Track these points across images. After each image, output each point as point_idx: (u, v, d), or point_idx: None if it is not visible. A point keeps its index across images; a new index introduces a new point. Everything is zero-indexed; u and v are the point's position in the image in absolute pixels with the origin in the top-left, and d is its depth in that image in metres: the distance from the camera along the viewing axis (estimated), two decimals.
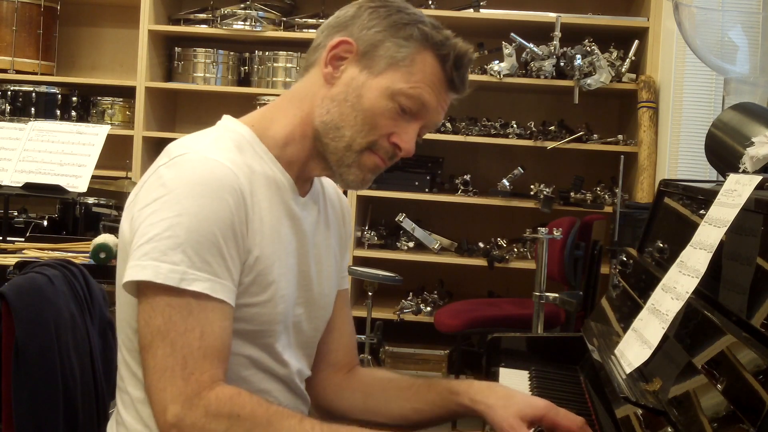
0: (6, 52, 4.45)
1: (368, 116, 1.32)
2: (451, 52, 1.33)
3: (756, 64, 2.65)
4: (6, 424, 1.44)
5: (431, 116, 1.36)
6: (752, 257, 1.26)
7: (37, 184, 2.92)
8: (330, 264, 1.48)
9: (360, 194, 4.32)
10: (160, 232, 1.20)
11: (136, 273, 1.20)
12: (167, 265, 1.19)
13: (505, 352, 1.91)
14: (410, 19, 1.34)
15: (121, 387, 1.35)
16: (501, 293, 4.58)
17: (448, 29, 1.37)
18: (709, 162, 1.92)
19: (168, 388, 1.18)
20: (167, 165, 1.26)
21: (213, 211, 1.22)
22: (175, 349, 1.19)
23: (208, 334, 1.20)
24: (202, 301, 1.20)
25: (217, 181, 1.23)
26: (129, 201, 1.32)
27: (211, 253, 1.21)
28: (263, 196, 1.31)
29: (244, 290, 1.28)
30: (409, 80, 1.31)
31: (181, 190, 1.21)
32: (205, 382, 1.19)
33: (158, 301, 1.20)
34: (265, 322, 1.32)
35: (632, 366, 1.33)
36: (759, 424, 0.96)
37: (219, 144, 1.31)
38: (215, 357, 1.21)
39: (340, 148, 1.34)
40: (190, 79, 4.54)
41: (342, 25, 1.36)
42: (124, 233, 1.29)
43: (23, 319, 1.45)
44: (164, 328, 1.19)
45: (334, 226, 1.51)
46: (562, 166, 4.56)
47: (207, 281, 1.21)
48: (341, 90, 1.33)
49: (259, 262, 1.29)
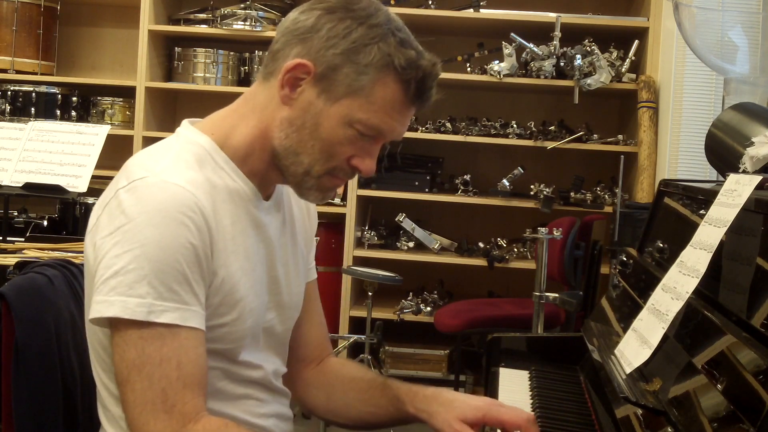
0: (6, 52, 4.45)
1: (326, 145, 1.29)
2: (413, 78, 1.26)
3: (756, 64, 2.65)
4: (6, 424, 1.44)
5: (392, 136, 1.32)
6: (752, 257, 1.26)
7: (37, 184, 2.92)
8: (297, 263, 1.47)
9: (360, 194, 4.32)
10: (125, 265, 1.18)
11: (104, 309, 1.19)
12: (134, 299, 1.17)
13: (505, 352, 1.91)
14: (372, 35, 1.25)
15: (102, 403, 1.35)
16: (501, 293, 4.58)
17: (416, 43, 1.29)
18: (709, 162, 1.92)
19: (151, 422, 1.17)
20: (127, 189, 1.23)
21: (175, 238, 1.20)
22: (152, 381, 1.17)
23: (185, 363, 1.19)
24: (173, 331, 1.19)
25: (177, 207, 1.21)
26: (91, 224, 1.29)
27: (177, 281, 1.20)
28: (226, 212, 1.29)
29: (212, 312, 1.27)
30: (368, 110, 1.26)
31: (141, 219, 1.19)
32: (189, 413, 1.18)
33: (130, 334, 1.19)
34: (235, 339, 1.32)
35: (632, 366, 1.33)
36: (759, 424, 0.96)
37: (179, 162, 1.27)
38: (195, 385, 1.20)
39: (299, 173, 1.32)
40: (190, 79, 4.54)
41: (301, 35, 1.28)
42: (89, 259, 1.27)
43: (23, 319, 1.45)
44: (139, 362, 1.18)
45: (300, 222, 1.50)
46: (562, 166, 4.56)
47: (176, 311, 1.19)
48: (298, 115, 1.29)
49: (225, 282, 1.27)
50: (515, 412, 1.37)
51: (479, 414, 1.37)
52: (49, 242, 2.82)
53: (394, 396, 1.47)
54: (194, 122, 1.37)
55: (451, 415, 1.38)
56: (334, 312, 4.29)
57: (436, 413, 1.39)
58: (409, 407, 1.44)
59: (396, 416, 1.48)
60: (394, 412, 1.47)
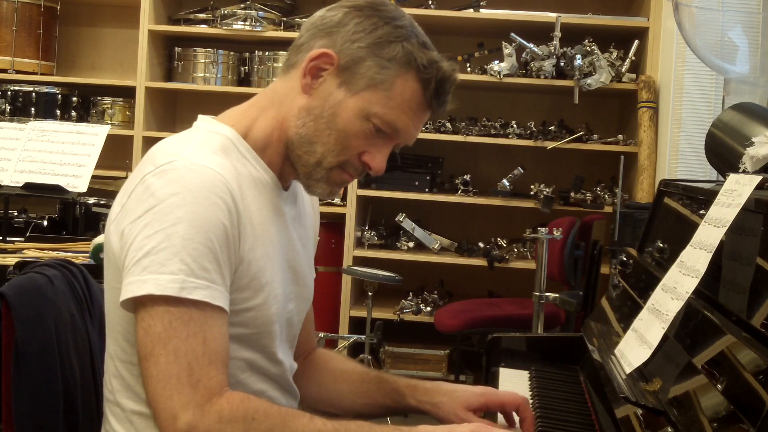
0: (6, 52, 4.45)
1: (341, 136, 1.30)
2: (434, 77, 1.30)
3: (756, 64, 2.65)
4: (6, 424, 1.44)
5: (405, 137, 1.34)
6: (752, 257, 1.26)
7: (37, 184, 2.93)
8: (309, 256, 1.49)
9: (360, 194, 4.32)
10: (156, 244, 1.18)
11: (137, 288, 1.19)
12: (167, 276, 1.18)
13: (505, 352, 1.91)
14: (397, 35, 1.29)
15: (111, 399, 1.34)
16: (501, 293, 4.59)
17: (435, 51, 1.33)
18: (709, 162, 1.92)
19: (175, 396, 1.16)
20: (154, 174, 1.23)
21: (207, 217, 1.20)
22: (178, 355, 1.17)
23: (211, 340, 1.19)
24: (202, 309, 1.19)
25: (208, 186, 1.21)
26: (114, 213, 1.29)
27: (208, 260, 1.20)
28: (252, 199, 1.30)
29: (239, 295, 1.27)
30: (386, 104, 1.29)
31: (172, 200, 1.20)
32: (213, 388, 1.18)
33: (157, 309, 1.18)
34: (260, 325, 1.32)
35: (632, 366, 1.33)
36: (759, 424, 0.96)
37: (204, 148, 1.29)
38: (219, 362, 1.20)
39: (311, 163, 1.33)
40: (190, 79, 4.54)
41: (327, 29, 1.31)
42: (113, 247, 1.27)
43: (23, 319, 1.45)
44: (165, 336, 1.18)
45: (309, 218, 1.51)
46: (562, 166, 4.56)
47: (206, 288, 1.20)
48: (318, 104, 1.31)
49: (251, 266, 1.28)
50: (512, 395, 1.46)
51: (482, 399, 1.44)
52: (49, 242, 2.83)
53: (391, 389, 1.50)
54: (211, 117, 1.39)
55: (455, 404, 1.44)
56: (334, 312, 4.29)
57: (441, 404, 1.46)
58: (410, 400, 1.48)
59: (393, 408, 1.52)
60: (392, 404, 1.51)
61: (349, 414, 1.54)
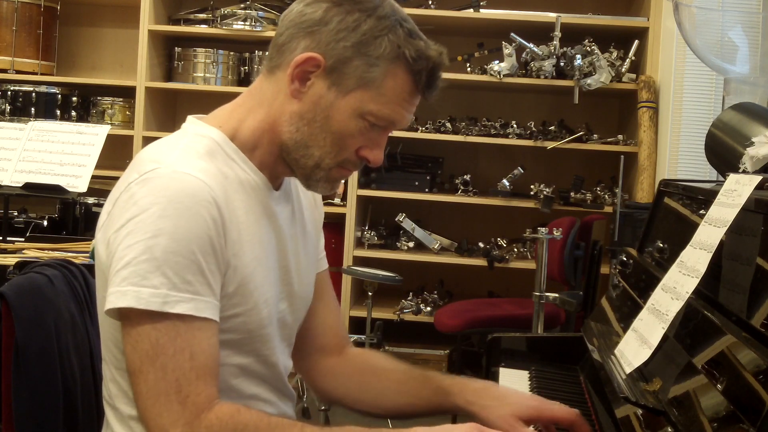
0: (6, 52, 4.45)
1: (337, 138, 1.29)
2: (423, 68, 1.28)
3: (756, 64, 2.65)
4: (6, 424, 1.44)
5: (401, 125, 1.34)
6: (752, 257, 1.26)
7: (37, 184, 2.92)
8: (308, 253, 1.47)
9: (360, 194, 4.32)
10: (137, 255, 1.17)
11: (117, 300, 1.18)
12: (148, 290, 1.17)
13: (505, 352, 1.91)
14: (381, 27, 1.26)
15: (110, 402, 1.34)
16: (501, 293, 4.58)
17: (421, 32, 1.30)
18: (709, 162, 1.92)
19: (164, 414, 1.16)
20: (138, 182, 1.22)
21: (189, 229, 1.19)
22: (166, 372, 1.17)
23: (198, 353, 1.19)
24: (187, 322, 1.19)
25: (190, 196, 1.20)
26: (101, 221, 1.28)
27: (191, 272, 1.19)
28: (239, 203, 1.29)
29: (227, 302, 1.26)
30: (379, 101, 1.27)
31: (154, 209, 1.18)
32: (202, 403, 1.18)
33: (143, 325, 1.18)
34: (251, 329, 1.31)
35: (632, 366, 1.33)
36: (759, 424, 0.96)
37: (190, 153, 1.27)
38: (208, 375, 1.20)
39: (309, 166, 1.32)
40: (190, 79, 4.54)
41: (308, 28, 1.28)
42: (101, 256, 1.27)
43: (23, 319, 1.45)
44: (152, 353, 1.17)
45: (308, 212, 1.50)
46: (562, 166, 4.56)
47: (190, 301, 1.19)
48: (309, 108, 1.29)
49: (239, 272, 1.27)
50: (566, 410, 1.40)
51: (533, 413, 1.39)
52: (49, 242, 2.83)
53: (438, 387, 1.47)
54: (199, 118, 1.37)
55: (506, 411, 1.39)
56: None
57: (489, 407, 1.41)
58: (458, 399, 1.44)
59: (437, 407, 1.48)
60: (437, 403, 1.47)
61: (390, 414, 1.52)
